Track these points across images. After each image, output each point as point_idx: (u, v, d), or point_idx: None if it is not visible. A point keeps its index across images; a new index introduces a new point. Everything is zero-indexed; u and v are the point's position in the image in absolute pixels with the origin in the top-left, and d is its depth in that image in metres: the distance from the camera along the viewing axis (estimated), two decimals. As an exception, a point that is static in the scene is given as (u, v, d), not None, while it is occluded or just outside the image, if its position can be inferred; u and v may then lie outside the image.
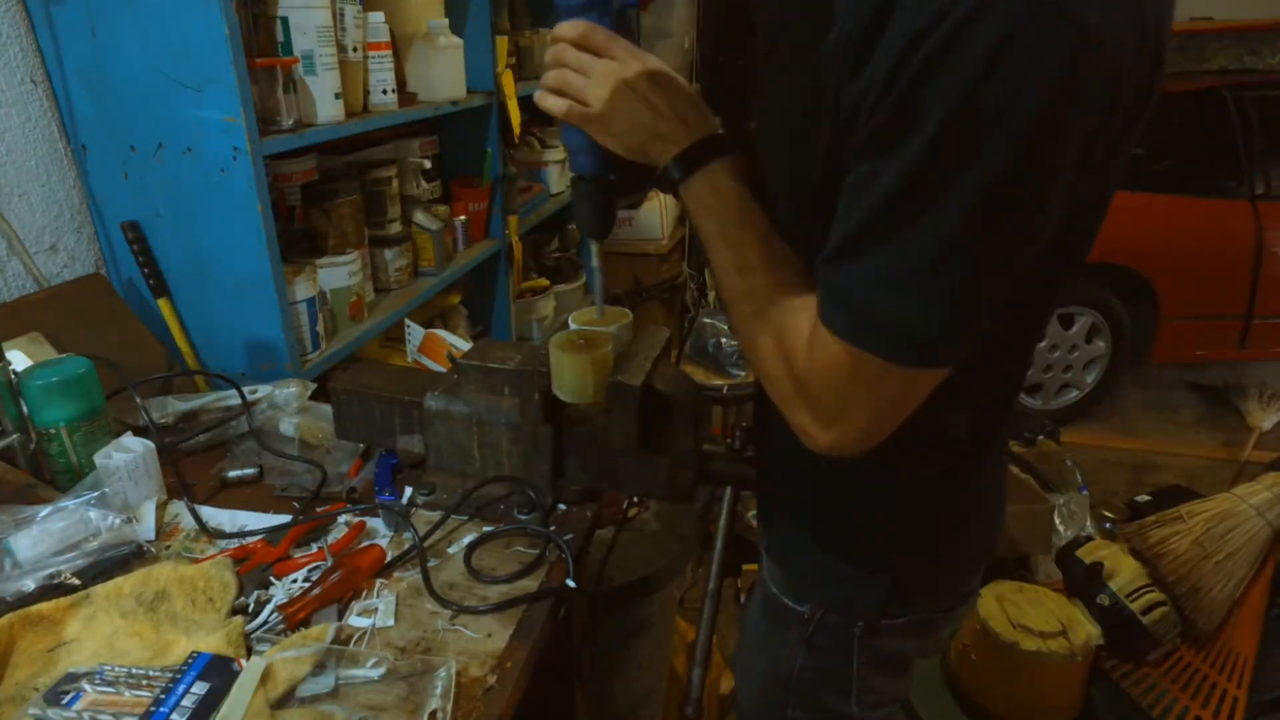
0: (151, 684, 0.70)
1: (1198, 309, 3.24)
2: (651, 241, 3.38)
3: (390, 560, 0.91)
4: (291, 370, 1.40)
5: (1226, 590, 1.87)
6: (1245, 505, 1.92)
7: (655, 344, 0.97)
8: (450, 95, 1.86)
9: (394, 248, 1.82)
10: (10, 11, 1.25)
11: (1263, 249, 3.11)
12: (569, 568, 0.90)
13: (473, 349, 1.01)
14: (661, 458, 0.94)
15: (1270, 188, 3.16)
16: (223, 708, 0.68)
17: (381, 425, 1.05)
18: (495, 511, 0.98)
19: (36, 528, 0.87)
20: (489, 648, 0.80)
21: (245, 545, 0.92)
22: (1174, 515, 1.99)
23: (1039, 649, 1.78)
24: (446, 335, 1.62)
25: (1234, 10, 4.53)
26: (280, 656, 0.74)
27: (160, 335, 1.39)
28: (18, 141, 1.29)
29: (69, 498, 0.92)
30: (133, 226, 1.34)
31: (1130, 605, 1.89)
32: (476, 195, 2.13)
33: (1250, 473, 2.60)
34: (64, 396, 0.99)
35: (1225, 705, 1.83)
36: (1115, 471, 3.08)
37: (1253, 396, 3.50)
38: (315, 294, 1.48)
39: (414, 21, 1.82)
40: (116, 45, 1.24)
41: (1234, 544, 1.88)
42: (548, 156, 2.68)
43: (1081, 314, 3.17)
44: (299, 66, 1.37)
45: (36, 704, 0.68)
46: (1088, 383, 3.34)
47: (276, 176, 1.56)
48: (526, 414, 0.95)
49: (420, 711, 0.71)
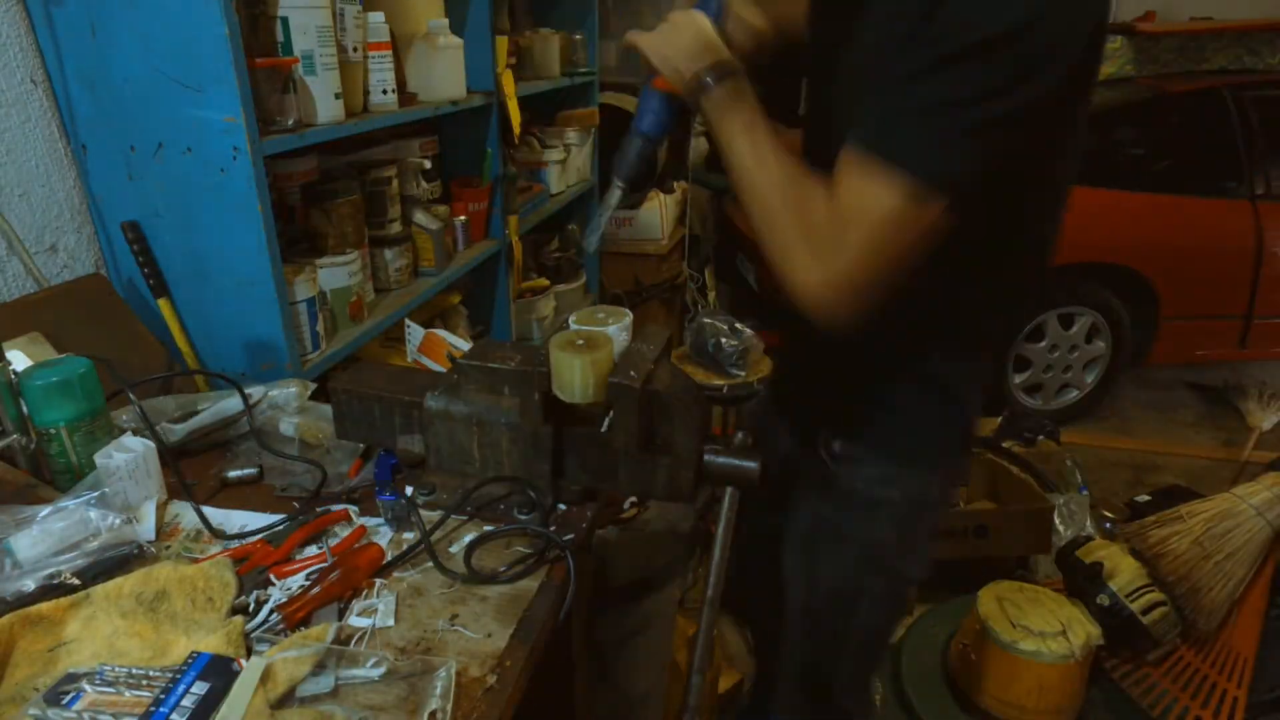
0: (151, 684, 0.70)
1: (1198, 309, 3.24)
2: (651, 241, 3.38)
3: (390, 560, 0.91)
4: (291, 370, 1.40)
5: (1226, 590, 1.87)
6: (1245, 505, 1.92)
7: (656, 344, 0.97)
8: (450, 95, 1.86)
9: (394, 248, 1.82)
10: (10, 11, 1.25)
11: (1263, 249, 3.11)
12: (569, 568, 0.90)
13: (473, 349, 1.01)
14: (662, 458, 0.94)
15: (1270, 188, 3.16)
16: (223, 707, 0.68)
17: (382, 425, 1.05)
18: (495, 511, 0.98)
19: (36, 528, 0.87)
20: (489, 648, 0.80)
21: (245, 545, 0.92)
22: (1174, 515, 1.99)
23: (1039, 649, 1.78)
24: (446, 335, 1.62)
25: (1234, 10, 4.53)
26: (280, 656, 0.74)
27: (160, 335, 1.39)
28: (18, 141, 1.29)
29: (69, 498, 0.92)
30: (133, 226, 1.34)
31: (1130, 605, 1.89)
32: (476, 195, 2.13)
33: (1250, 473, 2.60)
34: (64, 396, 0.99)
35: (1225, 705, 1.83)
36: (1115, 471, 3.08)
37: (1253, 396, 3.50)
38: (315, 294, 1.48)
39: (414, 21, 1.82)
40: (116, 45, 1.24)
41: (1234, 544, 1.88)
42: (548, 156, 2.68)
43: (1081, 314, 3.17)
44: (299, 66, 1.37)
45: (36, 704, 0.68)
46: (1088, 383, 3.34)
47: (276, 176, 1.56)
48: (526, 414, 0.95)
49: (420, 711, 0.71)
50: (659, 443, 0.93)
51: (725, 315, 2.26)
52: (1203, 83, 3.27)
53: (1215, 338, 3.32)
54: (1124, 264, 3.06)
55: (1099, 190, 3.03)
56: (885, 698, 1.94)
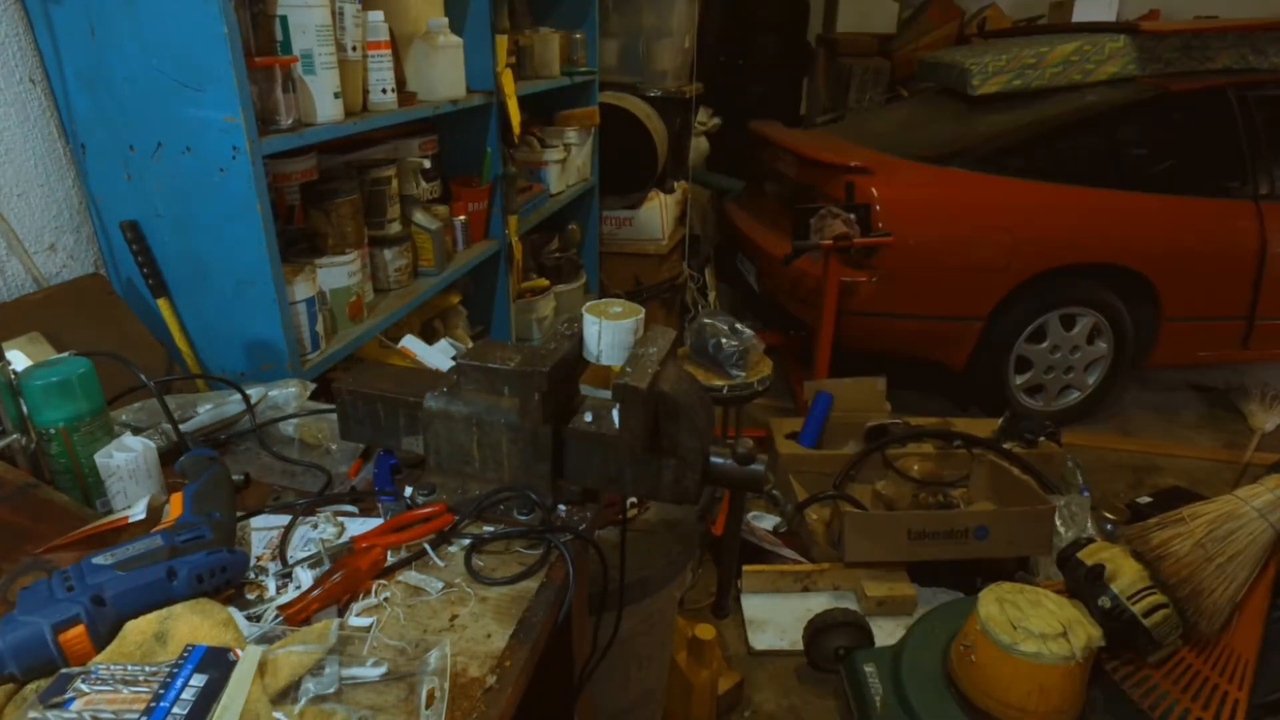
0: (149, 680, 0.70)
1: (1200, 310, 3.23)
2: (651, 241, 3.38)
3: (391, 562, 0.91)
4: (291, 370, 1.39)
5: (1228, 593, 1.86)
6: (1247, 507, 1.91)
7: (662, 345, 0.96)
8: (450, 95, 1.86)
9: (393, 248, 1.82)
10: (9, 11, 1.25)
11: (1266, 250, 3.11)
12: (569, 569, 0.90)
13: (473, 349, 1.01)
14: (667, 459, 0.93)
15: (1274, 188, 3.15)
16: (223, 698, 0.68)
17: (386, 426, 1.04)
18: (495, 512, 0.98)
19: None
20: (489, 648, 0.79)
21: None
22: (1175, 517, 1.98)
23: (1039, 651, 1.78)
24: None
25: (1239, 9, 4.52)
26: (283, 652, 0.73)
27: (160, 335, 1.39)
28: (16, 141, 1.29)
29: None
30: (132, 226, 1.34)
31: (1132, 607, 1.88)
32: (476, 195, 2.13)
33: (1252, 474, 2.59)
34: (64, 396, 0.99)
35: (1226, 707, 1.83)
36: (1116, 473, 3.08)
37: (1255, 398, 3.49)
38: (315, 294, 1.48)
39: (413, 21, 1.82)
40: (115, 45, 1.23)
41: (1236, 546, 1.87)
42: (547, 156, 2.68)
43: (1083, 315, 3.16)
44: (298, 66, 1.36)
45: (34, 705, 0.67)
46: (1089, 384, 3.33)
47: (276, 176, 1.56)
48: (526, 414, 0.94)
49: (420, 711, 0.71)
50: (665, 444, 0.93)
51: (725, 315, 2.26)
52: (1207, 82, 3.26)
53: (1217, 339, 3.31)
54: (1126, 265, 3.05)
55: (1101, 190, 3.03)
56: (885, 699, 1.94)
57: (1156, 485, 2.91)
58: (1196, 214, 3.13)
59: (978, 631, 1.90)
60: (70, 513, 0.95)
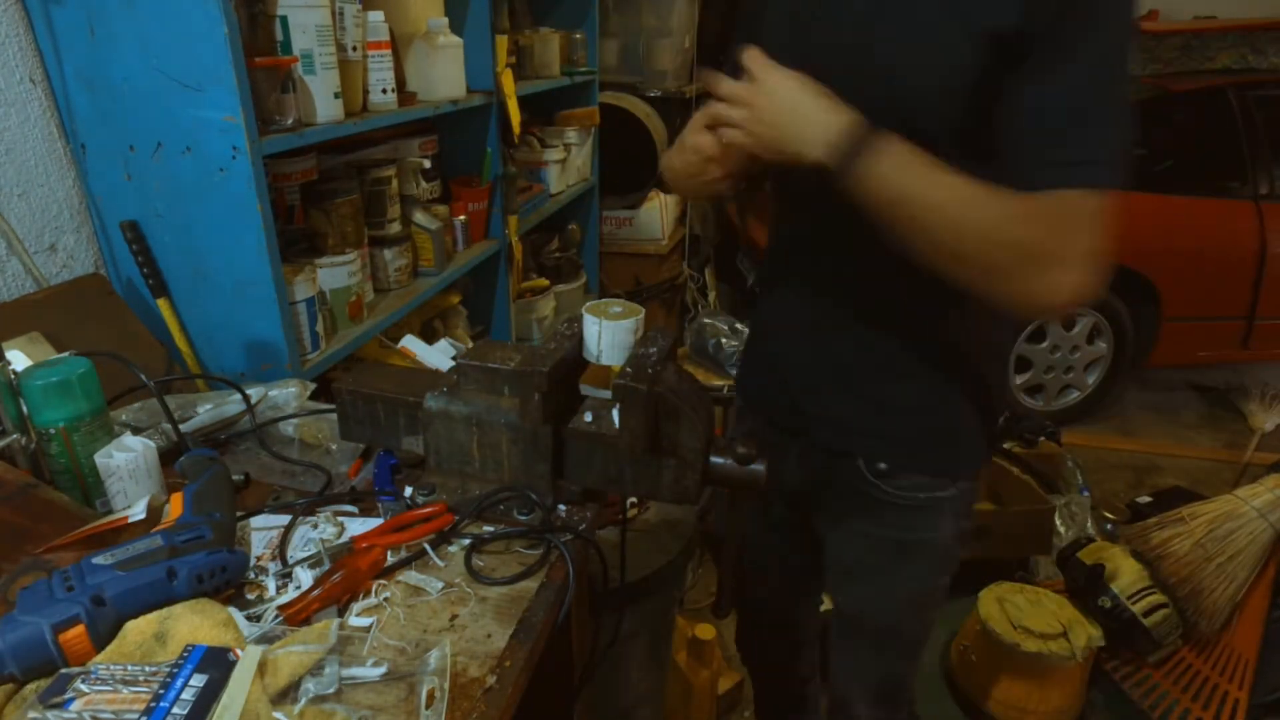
0: (149, 680, 0.70)
1: (1200, 310, 3.23)
2: (651, 241, 3.38)
3: (391, 562, 0.91)
4: (291, 370, 1.39)
5: (1228, 592, 1.86)
6: (1247, 507, 1.92)
7: (662, 345, 0.96)
8: (450, 95, 1.86)
9: (393, 248, 1.82)
10: (9, 11, 1.25)
11: (1266, 250, 3.11)
12: (569, 569, 0.90)
13: (473, 349, 1.01)
14: (667, 459, 0.93)
15: (1274, 188, 3.15)
16: (223, 698, 0.68)
17: (386, 426, 1.04)
18: (495, 512, 0.98)
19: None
20: (489, 648, 0.79)
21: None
22: (1175, 517, 1.99)
23: (1040, 650, 1.78)
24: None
25: (1238, 9, 4.52)
26: (283, 652, 0.73)
27: (160, 335, 1.39)
28: (16, 141, 1.29)
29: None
30: (132, 226, 1.34)
31: (1132, 607, 1.88)
32: (476, 195, 2.13)
33: (1252, 474, 2.59)
34: (64, 396, 0.99)
35: (1226, 707, 1.83)
36: (1116, 473, 3.08)
37: (1255, 398, 3.50)
38: (315, 294, 1.48)
39: (413, 20, 1.82)
40: (115, 44, 1.23)
41: (1236, 546, 1.87)
42: (547, 156, 2.68)
43: (1083, 315, 3.16)
44: (298, 66, 1.36)
45: (34, 705, 0.67)
46: (1089, 384, 3.34)
47: (276, 176, 1.56)
48: (526, 414, 0.94)
49: (420, 711, 0.71)
50: (665, 444, 0.93)
51: (725, 315, 2.26)
52: (1206, 82, 3.26)
53: (1217, 339, 3.32)
54: (1126, 265, 3.05)
55: (1100, 190, 3.02)
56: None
57: (1156, 485, 2.91)
58: (1196, 214, 3.13)
59: (977, 631, 1.90)
60: (70, 513, 0.94)
